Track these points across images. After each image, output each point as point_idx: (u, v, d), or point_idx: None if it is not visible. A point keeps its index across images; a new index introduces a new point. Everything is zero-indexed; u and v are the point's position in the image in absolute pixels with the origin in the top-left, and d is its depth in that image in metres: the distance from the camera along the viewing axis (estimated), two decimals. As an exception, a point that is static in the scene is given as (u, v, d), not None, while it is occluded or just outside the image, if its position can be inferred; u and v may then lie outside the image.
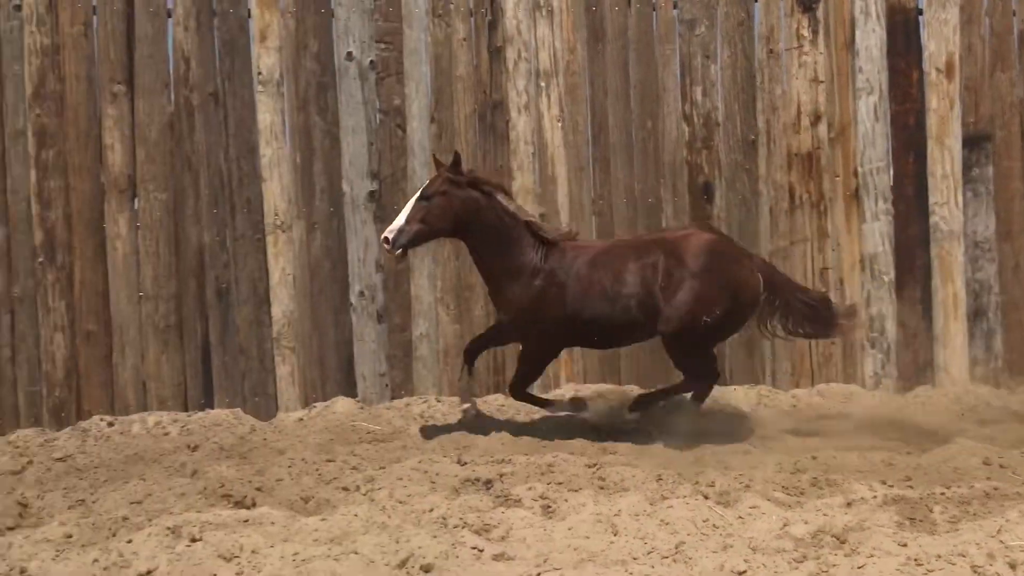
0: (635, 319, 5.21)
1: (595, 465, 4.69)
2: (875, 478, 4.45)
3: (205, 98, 6.14)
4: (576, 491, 4.26)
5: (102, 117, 6.03)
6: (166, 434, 5.73)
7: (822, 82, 6.25)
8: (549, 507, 4.10)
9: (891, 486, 4.30)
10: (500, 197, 5.32)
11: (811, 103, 6.25)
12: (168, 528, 3.74)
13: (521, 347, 5.59)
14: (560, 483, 4.42)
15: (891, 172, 6.18)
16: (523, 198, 6.33)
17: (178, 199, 6.11)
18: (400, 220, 5.20)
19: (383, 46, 6.31)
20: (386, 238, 5.18)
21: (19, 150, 5.92)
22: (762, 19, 6.35)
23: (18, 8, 5.93)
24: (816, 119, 6.25)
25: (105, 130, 6.02)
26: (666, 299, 5.12)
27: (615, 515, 3.89)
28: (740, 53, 6.34)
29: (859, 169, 6.19)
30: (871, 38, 6.22)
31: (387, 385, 6.23)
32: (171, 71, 6.13)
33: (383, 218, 6.26)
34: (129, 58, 6.07)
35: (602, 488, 4.39)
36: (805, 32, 6.30)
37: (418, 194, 5.28)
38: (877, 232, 6.18)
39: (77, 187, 5.98)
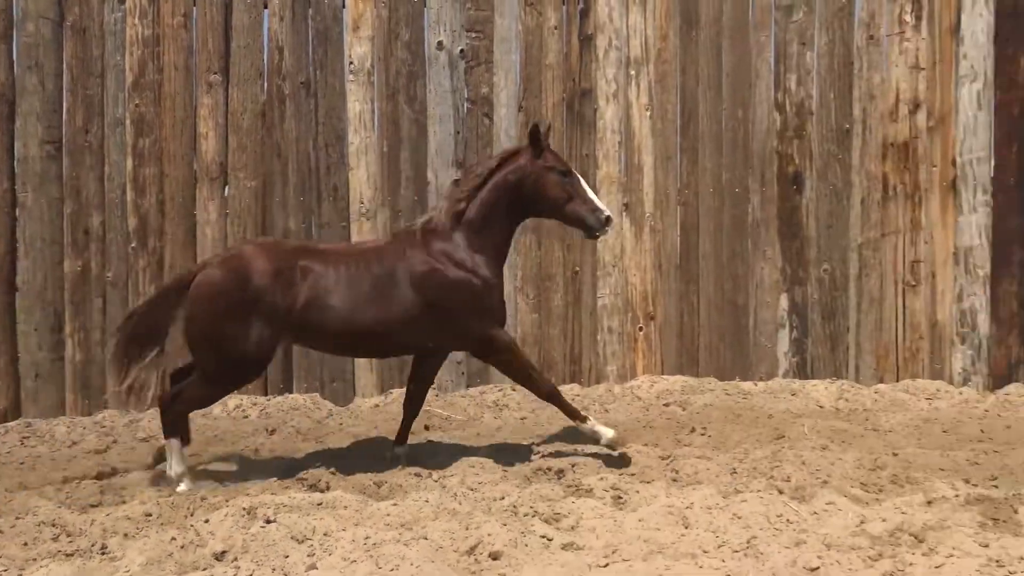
0: None
1: (668, 457, 4.63)
2: (958, 477, 4.28)
3: (297, 87, 6.24)
4: (648, 482, 4.22)
5: (197, 106, 6.17)
6: (246, 417, 5.86)
7: (923, 69, 6.02)
8: (620, 498, 4.06)
9: (975, 485, 4.13)
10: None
11: (910, 90, 6.03)
12: (244, 509, 3.81)
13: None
14: (632, 474, 4.37)
15: (992, 163, 5.92)
16: (608, 187, 6.28)
17: (267, 186, 6.24)
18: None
19: (474, 35, 6.33)
20: (609, 217, 4.67)
21: (117, 138, 6.12)
22: (863, 4, 6.14)
23: (122, 1, 6.13)
24: (915, 107, 6.02)
25: (200, 119, 6.17)
26: None
27: (687, 508, 3.83)
28: (839, 39, 6.15)
29: (958, 159, 5.94)
30: (978, 23, 5.96)
31: (463, 373, 6.25)
32: (265, 60, 6.24)
33: (468, 206, 6.28)
34: (226, 48, 6.20)
35: (675, 480, 4.34)
36: (908, 17, 6.07)
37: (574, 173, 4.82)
38: (974, 224, 5.92)
39: (171, 174, 6.15)
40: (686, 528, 3.67)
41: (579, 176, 4.75)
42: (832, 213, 6.12)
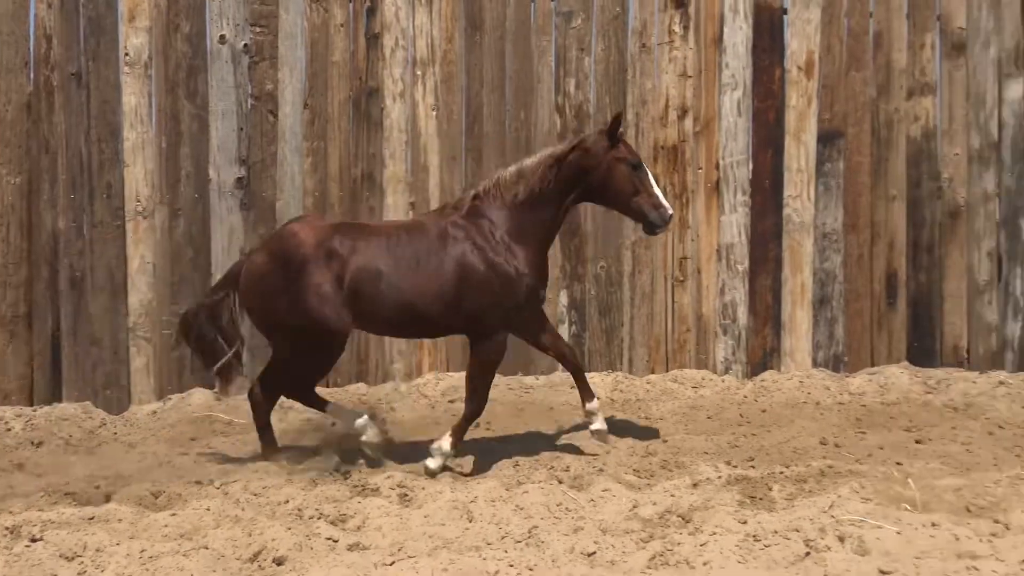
0: None
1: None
2: (721, 459, 4.60)
3: (67, 78, 5.95)
4: (433, 479, 4.29)
5: (-46, 96, 5.79)
6: (9, 430, 5.48)
7: (690, 77, 6.38)
8: (406, 495, 4.13)
9: (735, 466, 4.45)
10: None
11: (679, 97, 6.38)
12: (7, 528, 3.65)
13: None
14: (418, 472, 4.44)
15: (750, 166, 6.36)
16: (394, 187, 6.32)
17: (33, 183, 5.91)
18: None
19: (258, 29, 6.22)
20: (672, 215, 4.74)
21: None
22: (636, 13, 6.44)
23: None
24: (683, 113, 6.38)
25: (-43, 110, 5.79)
26: None
27: (471, 501, 3.94)
28: (614, 46, 6.43)
29: (720, 162, 6.35)
30: (738, 35, 6.37)
31: (246, 376, 6.13)
32: (32, 49, 5.93)
33: (250, 205, 6.17)
34: (-14, 35, 5.84)
35: (459, 475, 4.43)
36: (676, 28, 6.42)
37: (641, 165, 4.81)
38: (735, 223, 6.35)
39: (-78, 169, 5.74)
40: (470, 522, 3.78)
41: (648, 171, 4.80)
42: (607, 212, 6.36)
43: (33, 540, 3.53)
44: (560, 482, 4.19)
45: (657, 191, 4.74)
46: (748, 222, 6.31)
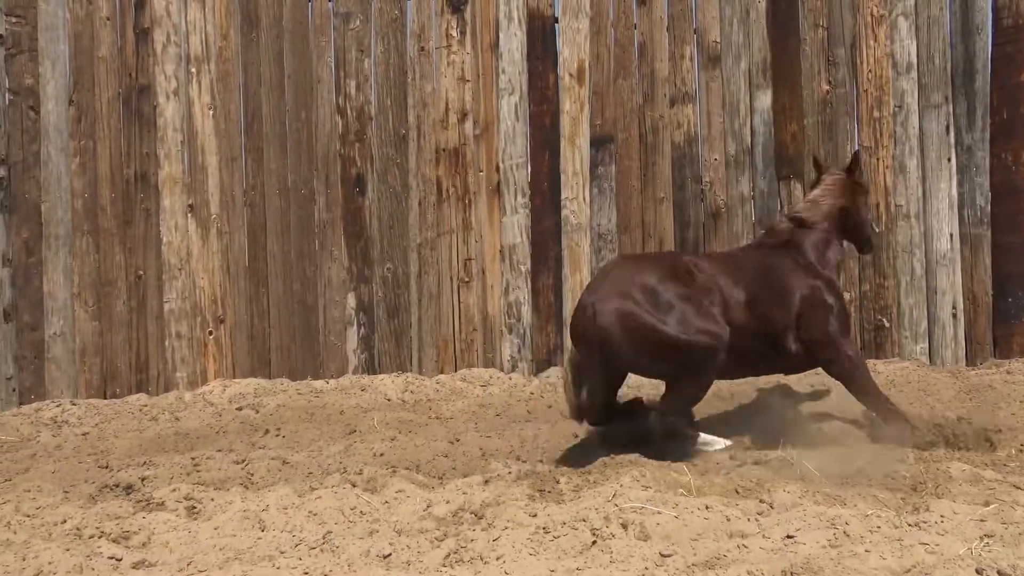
0: None
1: (243, 461, 4.64)
2: (511, 456, 4.75)
3: None
4: (223, 489, 4.20)
5: None
6: None
7: (469, 81, 6.52)
8: (194, 508, 4.00)
9: (524, 462, 4.60)
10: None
11: (459, 100, 6.51)
12: None
13: None
14: (207, 483, 4.33)
15: (529, 168, 6.58)
16: (171, 187, 6.12)
17: None
18: None
19: (14, 19, 5.88)
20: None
21: None
22: (414, 17, 6.51)
23: None
24: (463, 116, 6.52)
25: None
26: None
27: (263, 510, 3.86)
28: (393, 49, 6.47)
29: (501, 165, 6.53)
30: (513, 41, 6.57)
31: (14, 390, 5.78)
32: None
33: (12, 208, 5.81)
34: None
35: (250, 484, 4.36)
36: (454, 32, 6.53)
37: None
38: (516, 224, 6.56)
39: None
40: (263, 531, 3.71)
41: None
42: (393, 215, 6.44)
43: None
44: (354, 485, 4.19)
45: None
46: (529, 223, 6.52)
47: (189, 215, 6.15)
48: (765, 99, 6.54)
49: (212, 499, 4.05)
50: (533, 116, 6.53)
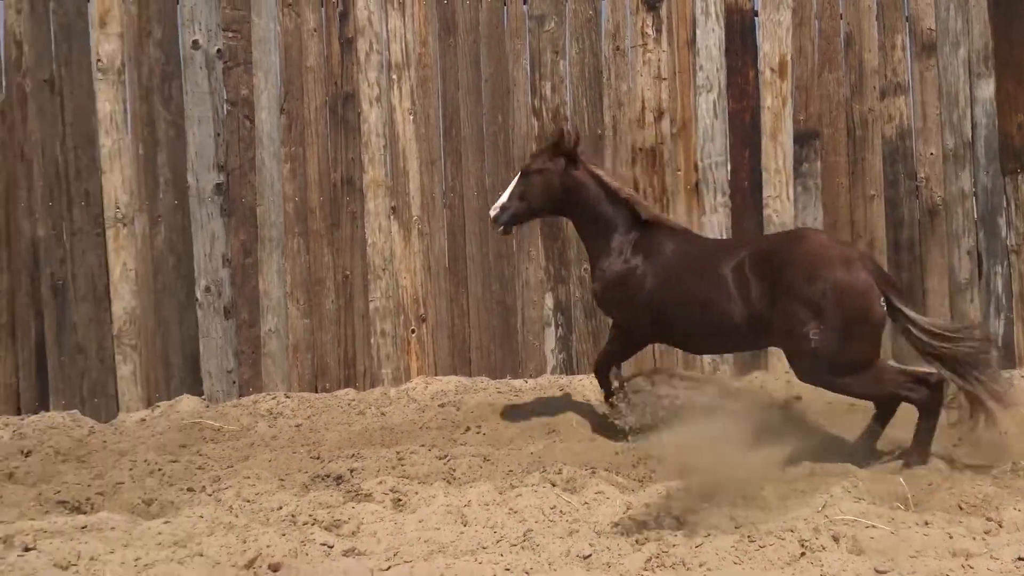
0: (716, 323, 4.66)
1: (445, 457, 4.74)
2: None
3: (39, 85, 5.88)
4: (427, 483, 4.30)
5: (-74, 104, 5.71)
6: (-3, 438, 5.46)
7: (665, 79, 6.44)
8: (400, 500, 4.13)
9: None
10: (600, 174, 5.10)
11: (655, 99, 6.44)
12: (-1, 538, 3.59)
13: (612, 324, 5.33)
14: (411, 476, 4.44)
15: (728, 167, 6.44)
16: (374, 191, 6.32)
17: (10, 191, 5.84)
18: (504, 197, 5.06)
19: (231, 34, 6.19)
20: (491, 214, 5.08)
21: None
22: (609, 16, 6.49)
23: None
24: (659, 115, 6.44)
25: (-71, 118, 5.71)
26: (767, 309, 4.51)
27: (465, 506, 3.94)
28: (588, 50, 6.47)
29: (699, 164, 6.42)
30: (710, 37, 6.44)
31: (235, 382, 6.13)
32: (2, 55, 5.85)
33: (231, 211, 6.16)
34: (-44, 42, 5.76)
35: (452, 480, 4.45)
36: (649, 30, 6.47)
37: (520, 171, 5.12)
38: (716, 224, 6.42)
39: (-102, 179, 5.65)
40: (465, 526, 3.77)
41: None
42: (591, 216, 6.43)
43: (26, 549, 3.50)
44: (553, 485, 4.21)
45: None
46: (729, 223, 6.37)
47: (392, 217, 6.33)
48: (987, 88, 6.17)
49: (416, 492, 4.16)
50: (732, 113, 6.38)
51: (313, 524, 3.81)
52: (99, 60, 5.98)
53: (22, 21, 5.87)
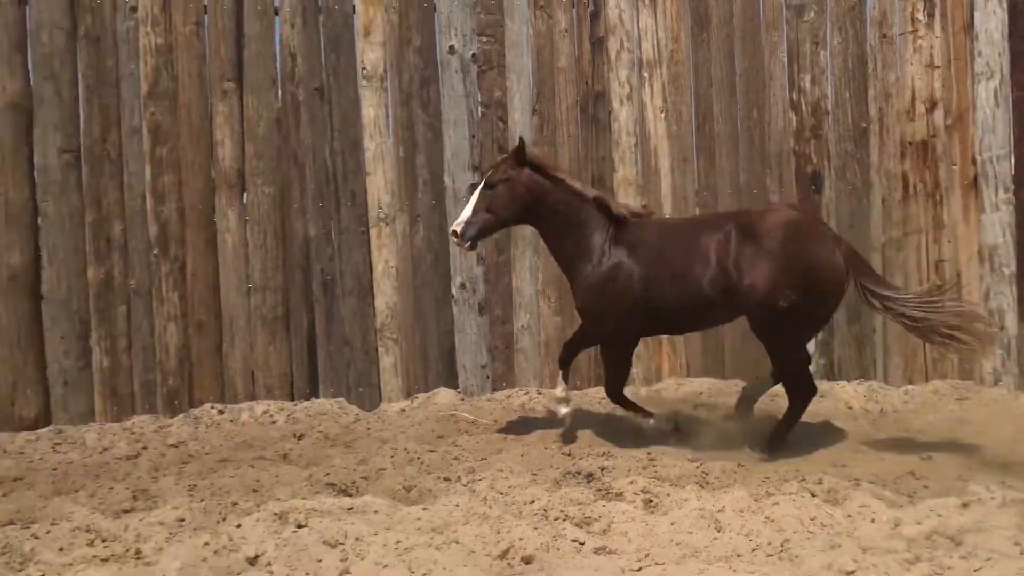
0: (708, 298, 4.82)
1: (698, 460, 4.62)
2: (993, 478, 4.27)
3: (311, 93, 6.23)
4: (679, 486, 4.21)
5: (213, 114, 6.16)
6: (273, 422, 5.85)
7: (938, 67, 6.02)
8: (651, 501, 4.06)
9: (1010, 487, 4.11)
10: (564, 177, 5.09)
11: (926, 89, 6.03)
12: (275, 514, 3.81)
13: (600, 345, 5.27)
14: (662, 478, 4.36)
15: (1012, 160, 5.91)
16: (625, 189, 6.29)
17: (285, 193, 6.22)
18: (467, 212, 5.00)
19: (485, 39, 6.34)
20: (454, 231, 4.97)
21: (135, 147, 6.09)
22: (874, 3, 6.15)
23: (134, 10, 6.11)
24: (932, 106, 6.02)
25: (216, 127, 6.16)
26: (741, 275, 4.72)
27: (719, 511, 3.82)
28: (851, 39, 6.16)
29: (978, 157, 5.94)
30: (991, 20, 5.96)
31: (488, 377, 6.26)
32: (278, 67, 6.23)
33: (486, 210, 6.30)
34: (238, 55, 6.19)
35: (705, 484, 4.33)
36: (920, 16, 6.08)
37: (482, 183, 5.08)
38: (998, 223, 5.92)
39: (189, 182, 6.13)
40: (719, 532, 3.66)
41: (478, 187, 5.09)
42: (853, 213, 6.12)
43: (299, 526, 3.70)
44: (813, 495, 4.00)
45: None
46: (1013, 221, 5.86)
47: (643, 215, 6.28)
48: None
49: (668, 494, 4.08)
50: (1016, 101, 5.88)
51: (564, 520, 3.81)
52: (364, 68, 6.27)
53: (295, 35, 6.24)
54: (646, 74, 6.34)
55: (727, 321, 5.19)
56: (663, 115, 6.31)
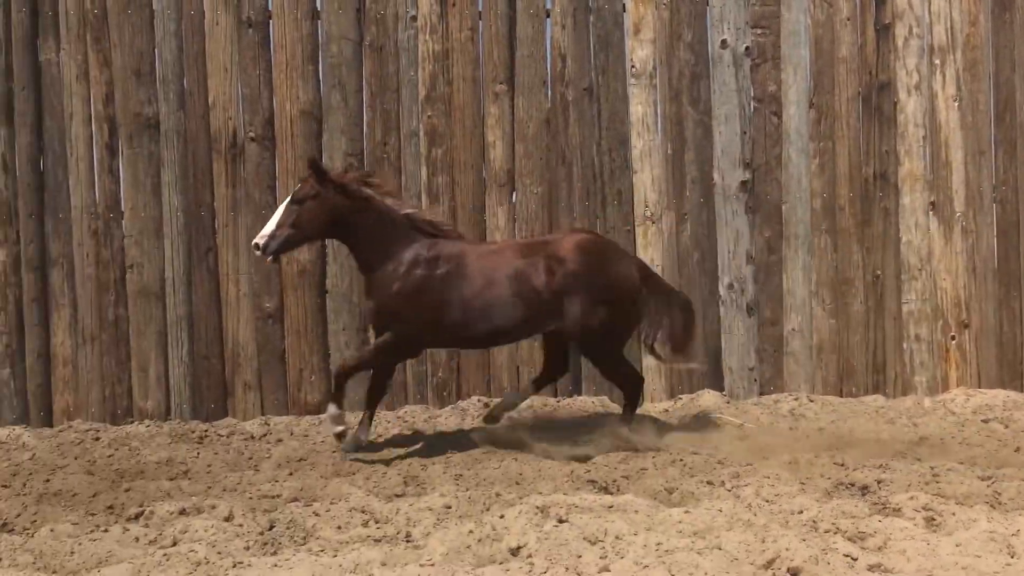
0: (516, 318, 5.10)
1: (989, 478, 4.25)
2: None
3: (579, 93, 6.29)
4: (966, 505, 3.89)
5: (485, 116, 6.34)
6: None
7: None
8: (933, 520, 3.80)
9: None
10: (373, 195, 5.15)
11: None
12: (537, 507, 3.87)
13: (376, 335, 5.35)
14: (947, 495, 4.04)
15: None
16: (911, 184, 5.92)
17: (552, 192, 6.30)
18: (270, 225, 5.06)
19: (759, 31, 6.18)
20: (256, 244, 5.07)
21: (412, 150, 6.38)
22: None
23: (414, 19, 6.41)
24: None
25: (488, 128, 6.33)
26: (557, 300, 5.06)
27: (1012, 535, 3.53)
28: None
29: None
30: None
31: (755, 380, 6.06)
32: (548, 68, 6.33)
33: (755, 208, 6.13)
34: (511, 58, 6.34)
35: (997, 504, 3.97)
36: None
37: (289, 198, 5.14)
38: None
39: (461, 182, 6.33)
40: (1012, 557, 3.37)
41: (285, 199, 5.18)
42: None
43: (560, 521, 3.73)
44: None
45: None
46: None
47: (931, 213, 5.93)
48: None
49: (953, 513, 3.82)
50: None
51: (836, 533, 3.64)
52: (633, 66, 6.25)
53: (565, 36, 6.31)
54: (937, 61, 5.99)
55: (539, 332, 5.35)
56: (956, 104, 5.94)
